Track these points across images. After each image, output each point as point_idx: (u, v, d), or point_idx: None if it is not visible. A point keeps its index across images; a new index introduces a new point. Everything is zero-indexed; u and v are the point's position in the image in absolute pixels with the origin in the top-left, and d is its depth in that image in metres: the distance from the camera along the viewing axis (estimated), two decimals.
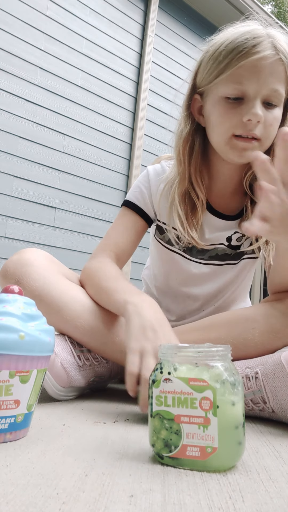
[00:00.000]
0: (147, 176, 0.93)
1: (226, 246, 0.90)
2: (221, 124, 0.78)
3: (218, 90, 0.77)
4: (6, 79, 2.43)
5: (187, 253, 0.91)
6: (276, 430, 0.58)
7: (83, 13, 2.81)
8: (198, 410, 0.40)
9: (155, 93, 3.18)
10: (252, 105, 0.74)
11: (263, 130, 0.76)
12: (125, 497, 0.33)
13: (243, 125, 0.75)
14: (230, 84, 0.75)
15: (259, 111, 0.74)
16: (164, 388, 0.41)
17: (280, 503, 0.33)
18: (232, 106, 0.76)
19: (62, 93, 2.66)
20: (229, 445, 0.39)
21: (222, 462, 0.39)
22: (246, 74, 0.74)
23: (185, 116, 0.86)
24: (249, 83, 0.74)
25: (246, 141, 0.77)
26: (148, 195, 0.90)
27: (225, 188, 0.90)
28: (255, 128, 0.75)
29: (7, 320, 0.45)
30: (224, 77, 0.75)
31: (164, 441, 0.41)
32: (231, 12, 3.47)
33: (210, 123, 0.81)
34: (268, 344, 0.71)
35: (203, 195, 0.86)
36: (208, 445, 0.39)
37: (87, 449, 0.45)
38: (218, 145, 0.81)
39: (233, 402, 0.40)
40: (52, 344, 0.49)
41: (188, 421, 0.40)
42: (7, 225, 2.39)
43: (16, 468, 0.38)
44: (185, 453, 0.40)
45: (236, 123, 0.76)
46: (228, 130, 0.77)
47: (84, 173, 2.74)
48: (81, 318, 0.72)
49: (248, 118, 0.74)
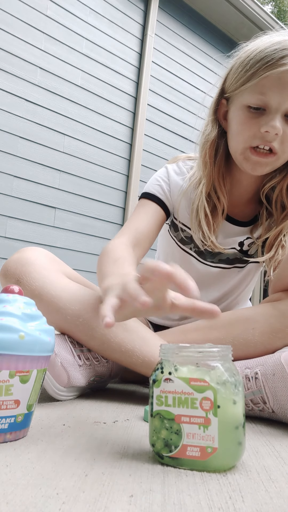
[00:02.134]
0: (167, 172, 0.93)
1: (237, 250, 0.91)
2: (240, 132, 0.78)
3: (243, 98, 0.77)
4: (6, 79, 2.43)
5: (199, 255, 0.92)
6: (276, 430, 0.58)
7: (83, 13, 2.81)
8: (198, 410, 0.40)
9: (155, 93, 3.18)
10: (272, 118, 0.74)
11: (281, 144, 0.76)
12: (125, 497, 0.33)
13: (261, 136, 0.75)
14: (254, 94, 0.75)
15: (278, 124, 0.73)
16: (164, 388, 0.41)
17: (280, 503, 0.33)
18: (253, 116, 0.76)
19: (62, 93, 2.66)
20: (229, 445, 0.39)
21: (222, 462, 0.39)
22: (270, 85, 0.73)
23: (212, 120, 0.86)
24: (272, 95, 0.73)
25: (260, 156, 0.77)
26: (168, 190, 0.91)
27: (242, 195, 0.91)
28: (273, 140, 0.75)
29: (7, 320, 0.45)
30: (250, 86, 0.75)
31: (164, 441, 0.41)
32: (231, 12, 3.47)
33: (231, 130, 0.82)
34: (268, 344, 0.71)
35: (225, 199, 0.86)
36: (208, 445, 0.39)
37: (87, 449, 0.45)
38: (235, 153, 0.82)
39: (234, 402, 0.40)
40: (52, 344, 0.49)
41: (189, 421, 0.40)
42: (7, 225, 2.39)
43: (16, 468, 0.38)
44: (185, 453, 0.40)
45: (254, 133, 0.76)
46: (246, 141, 0.77)
47: (84, 173, 2.74)
48: (81, 318, 0.72)
49: (266, 129, 0.74)
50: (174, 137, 3.24)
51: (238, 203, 0.91)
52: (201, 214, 0.85)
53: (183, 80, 3.36)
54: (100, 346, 0.73)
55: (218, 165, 0.85)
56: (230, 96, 0.82)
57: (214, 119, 0.86)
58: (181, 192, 0.89)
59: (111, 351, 0.72)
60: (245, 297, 1.01)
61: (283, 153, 0.78)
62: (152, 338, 0.73)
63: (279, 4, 12.60)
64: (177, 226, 0.92)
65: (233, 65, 0.81)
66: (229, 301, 0.97)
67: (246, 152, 0.78)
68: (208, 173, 0.85)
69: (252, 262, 0.94)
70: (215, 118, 0.86)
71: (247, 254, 0.92)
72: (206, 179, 0.85)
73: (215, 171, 0.85)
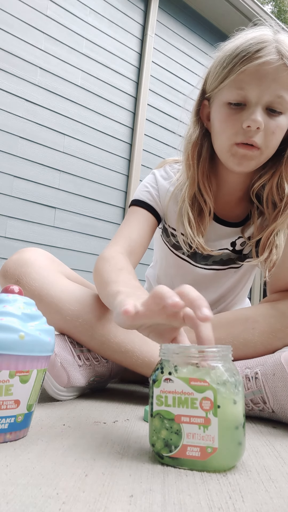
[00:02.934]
0: (155, 178, 0.92)
1: (230, 251, 0.90)
2: (222, 130, 0.77)
3: (222, 96, 0.77)
4: (6, 79, 2.43)
5: (191, 258, 0.92)
6: (276, 430, 0.58)
7: (83, 13, 2.81)
8: (198, 410, 0.40)
9: (155, 93, 3.18)
10: (252, 111, 0.73)
11: (264, 138, 0.75)
12: (125, 497, 0.33)
13: (243, 132, 0.74)
14: (233, 90, 0.74)
15: (259, 118, 0.72)
16: (164, 388, 0.41)
17: (280, 503, 0.33)
18: (234, 112, 0.75)
19: (62, 93, 2.66)
20: (229, 446, 0.39)
21: (222, 463, 0.39)
22: (248, 79, 0.72)
23: (194, 121, 0.85)
24: (250, 89, 0.73)
25: (246, 148, 0.75)
26: (157, 196, 0.90)
27: (230, 195, 0.89)
28: (255, 135, 0.74)
29: (7, 320, 0.45)
30: (228, 82, 0.74)
31: (164, 441, 0.41)
32: (231, 12, 3.47)
33: (214, 129, 0.81)
34: (268, 344, 0.71)
35: (210, 201, 0.85)
36: (208, 446, 0.39)
37: (87, 449, 0.45)
38: (220, 152, 0.81)
39: (234, 402, 0.40)
40: (52, 344, 0.49)
41: (189, 421, 0.40)
42: (7, 225, 2.39)
43: (16, 468, 0.38)
44: (185, 453, 0.40)
45: (237, 130, 0.75)
46: (230, 138, 0.76)
47: (84, 173, 2.74)
48: (81, 318, 0.72)
49: (247, 124, 0.73)
50: (174, 137, 3.23)
51: (227, 203, 0.90)
52: (185, 216, 0.84)
53: (183, 80, 3.36)
54: (100, 346, 0.73)
55: (202, 166, 0.84)
56: (211, 96, 0.81)
57: (197, 120, 0.85)
58: (168, 196, 0.89)
59: (111, 351, 0.72)
60: (243, 297, 1.01)
61: (267, 148, 0.76)
62: None
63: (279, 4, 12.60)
64: (168, 232, 0.92)
65: (212, 65, 0.80)
66: (227, 302, 0.97)
67: (233, 148, 0.77)
68: (192, 175, 0.84)
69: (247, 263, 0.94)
70: (197, 120, 0.85)
71: (241, 254, 0.92)
72: (190, 181, 0.84)
73: (199, 172, 0.84)
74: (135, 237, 0.84)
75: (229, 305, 0.98)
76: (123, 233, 0.85)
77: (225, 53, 0.76)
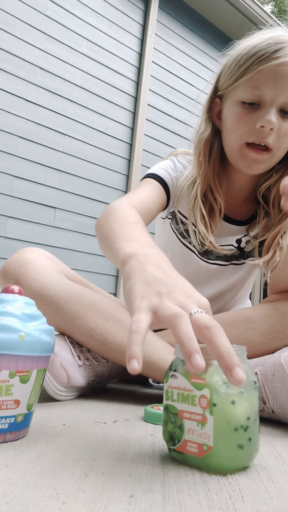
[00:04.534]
0: (174, 164, 0.91)
1: (235, 247, 0.91)
2: (235, 129, 0.77)
3: (237, 94, 0.76)
4: (6, 79, 2.43)
5: (197, 250, 0.92)
6: (276, 430, 0.58)
7: (83, 13, 2.81)
8: (197, 407, 0.40)
9: (155, 93, 3.18)
10: (267, 112, 0.73)
11: (276, 139, 0.75)
12: (125, 497, 0.33)
13: (256, 132, 0.74)
14: (248, 89, 0.74)
15: (273, 118, 0.72)
16: (171, 383, 0.42)
17: (280, 503, 0.33)
18: (248, 111, 0.75)
19: (62, 93, 2.66)
20: (226, 447, 0.39)
21: (219, 463, 0.39)
22: (264, 79, 0.72)
23: (206, 119, 0.85)
24: (266, 89, 0.73)
25: (257, 152, 0.75)
26: (175, 178, 0.88)
27: (238, 195, 0.90)
28: (268, 136, 0.74)
29: (7, 320, 0.45)
30: (243, 81, 0.74)
31: (170, 434, 0.42)
32: (231, 12, 3.47)
33: (225, 128, 0.81)
34: (268, 345, 0.71)
35: (221, 198, 0.85)
36: (205, 443, 0.39)
37: (87, 449, 0.45)
38: (230, 152, 0.81)
39: (233, 403, 0.39)
40: (52, 344, 0.49)
41: (189, 417, 0.40)
42: (7, 225, 2.39)
43: (16, 468, 0.38)
44: (186, 448, 0.40)
45: (249, 129, 0.75)
46: (241, 137, 0.76)
47: (84, 173, 2.74)
48: (81, 318, 0.72)
49: (261, 124, 0.73)
50: (174, 137, 3.24)
51: (234, 202, 0.90)
52: (198, 214, 0.84)
53: (183, 80, 3.36)
54: (100, 346, 0.73)
55: (212, 164, 0.84)
56: (224, 93, 0.81)
57: (208, 117, 0.84)
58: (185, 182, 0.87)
59: (110, 351, 0.72)
60: (244, 296, 1.01)
61: (278, 149, 0.76)
62: (151, 339, 0.73)
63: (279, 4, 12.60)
64: (177, 219, 0.92)
65: (226, 63, 0.80)
66: (227, 300, 0.97)
67: (243, 149, 0.77)
68: (203, 172, 0.84)
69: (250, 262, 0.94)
70: (208, 117, 0.85)
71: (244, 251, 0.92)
72: (201, 179, 0.84)
73: (210, 170, 0.84)
74: (147, 204, 0.80)
75: (229, 303, 0.98)
76: (135, 195, 0.80)
77: (241, 52, 0.75)
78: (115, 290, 2.85)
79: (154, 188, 0.85)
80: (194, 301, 0.42)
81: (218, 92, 0.83)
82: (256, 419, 0.41)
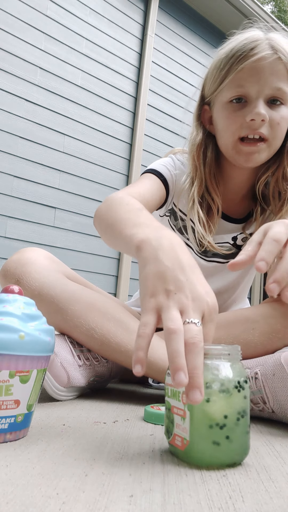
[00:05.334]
0: (173, 161, 0.92)
1: (231, 245, 0.91)
2: (227, 127, 0.79)
3: (223, 96, 0.79)
4: (6, 79, 2.43)
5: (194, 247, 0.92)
6: (276, 430, 0.58)
7: (83, 13, 2.81)
8: (180, 403, 0.42)
9: (155, 93, 3.18)
10: (255, 105, 0.75)
11: (270, 130, 0.77)
12: (125, 497, 0.33)
13: (247, 126, 0.76)
14: (233, 89, 0.77)
15: (262, 110, 0.74)
16: (167, 381, 0.45)
17: (280, 503, 0.33)
18: (236, 108, 0.78)
19: (62, 93, 2.66)
20: (201, 443, 0.40)
21: (195, 457, 0.40)
22: (246, 76, 0.75)
23: (196, 125, 0.88)
24: (250, 85, 0.75)
25: (251, 145, 0.77)
26: (174, 175, 0.90)
27: (235, 193, 0.91)
28: (260, 127, 0.76)
29: (7, 320, 0.45)
30: (227, 82, 0.77)
31: (166, 428, 0.45)
32: (231, 12, 3.47)
33: (218, 130, 0.83)
34: (268, 345, 0.71)
35: (218, 199, 0.86)
36: (184, 437, 0.41)
37: (87, 449, 0.45)
38: (226, 150, 0.82)
39: (207, 400, 0.40)
40: (52, 344, 0.49)
41: (177, 412, 0.43)
42: (7, 225, 2.39)
43: (16, 468, 0.38)
44: (174, 441, 0.43)
45: (240, 124, 0.77)
46: (234, 133, 0.78)
47: (84, 173, 2.74)
48: (81, 318, 0.72)
49: (251, 118, 0.75)
50: (174, 137, 3.24)
51: (232, 200, 0.91)
52: (195, 217, 0.85)
53: (183, 80, 3.36)
54: (100, 346, 0.73)
55: (208, 166, 0.86)
56: (211, 99, 0.84)
57: (198, 124, 0.87)
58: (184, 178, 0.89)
59: (111, 351, 0.72)
60: (241, 295, 1.01)
61: (274, 138, 0.78)
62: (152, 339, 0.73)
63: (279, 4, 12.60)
64: (177, 215, 0.92)
65: (209, 71, 0.83)
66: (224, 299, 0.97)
67: (237, 145, 0.79)
68: (199, 175, 0.86)
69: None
70: (199, 123, 0.87)
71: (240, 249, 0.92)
72: (198, 181, 0.86)
73: (206, 172, 0.86)
74: (147, 197, 0.81)
75: (227, 302, 0.98)
76: (134, 188, 0.80)
77: (221, 57, 0.79)
78: (115, 290, 2.85)
79: (153, 183, 0.86)
80: (198, 306, 0.43)
81: (206, 99, 0.86)
82: (239, 419, 0.41)
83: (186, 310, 0.42)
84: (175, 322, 0.41)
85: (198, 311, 0.43)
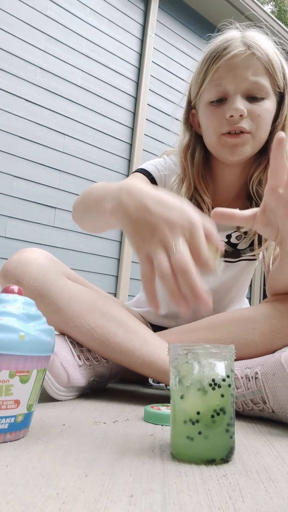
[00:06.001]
0: (165, 161, 0.95)
1: (225, 242, 0.91)
2: (208, 126, 0.82)
3: (204, 98, 0.83)
4: (6, 79, 2.43)
5: None
6: (276, 430, 0.58)
7: (83, 13, 2.81)
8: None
9: (155, 93, 3.18)
10: (233, 101, 0.78)
11: (251, 123, 0.79)
12: (125, 497, 0.33)
13: (227, 122, 0.79)
14: (212, 88, 0.80)
15: (240, 106, 0.77)
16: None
17: (280, 503, 0.33)
18: (217, 107, 0.81)
19: (62, 93, 2.66)
20: (177, 436, 0.43)
21: (175, 451, 0.43)
22: (223, 74, 0.78)
23: (184, 129, 0.91)
24: (226, 82, 0.78)
25: (234, 137, 0.80)
26: (164, 176, 0.92)
27: (227, 192, 0.92)
28: (240, 122, 0.78)
29: (7, 320, 0.45)
30: (206, 84, 0.81)
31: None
32: (231, 12, 3.47)
33: (203, 130, 0.86)
34: (268, 345, 0.71)
35: (208, 199, 0.88)
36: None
37: (87, 449, 0.45)
38: (212, 147, 0.85)
39: (181, 397, 0.43)
40: (52, 344, 0.49)
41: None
42: (7, 225, 2.39)
43: (16, 468, 0.38)
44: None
45: (221, 121, 0.79)
46: (216, 131, 0.81)
47: (84, 173, 2.74)
48: (81, 318, 0.72)
49: (230, 114, 0.77)
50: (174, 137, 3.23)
51: (225, 200, 0.91)
52: None
53: (183, 80, 3.36)
54: (100, 346, 0.73)
55: (196, 167, 0.88)
56: (195, 102, 0.87)
57: (186, 127, 0.91)
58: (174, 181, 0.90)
59: (111, 351, 0.72)
60: (239, 296, 1.01)
61: (257, 129, 0.80)
62: (152, 339, 0.73)
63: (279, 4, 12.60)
64: None
65: (192, 77, 0.87)
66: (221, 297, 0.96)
67: (221, 139, 0.81)
68: (187, 176, 0.87)
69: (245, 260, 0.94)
70: (186, 127, 0.91)
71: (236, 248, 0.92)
72: (186, 182, 0.87)
73: (195, 173, 0.87)
74: None
75: (223, 302, 0.97)
76: None
77: (200, 61, 0.83)
78: (115, 290, 2.85)
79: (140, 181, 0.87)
80: (175, 233, 0.46)
81: (192, 103, 0.89)
82: (213, 416, 0.41)
83: (167, 245, 0.46)
84: (162, 266, 0.45)
85: (178, 236, 0.46)
